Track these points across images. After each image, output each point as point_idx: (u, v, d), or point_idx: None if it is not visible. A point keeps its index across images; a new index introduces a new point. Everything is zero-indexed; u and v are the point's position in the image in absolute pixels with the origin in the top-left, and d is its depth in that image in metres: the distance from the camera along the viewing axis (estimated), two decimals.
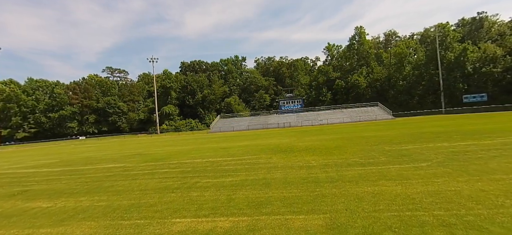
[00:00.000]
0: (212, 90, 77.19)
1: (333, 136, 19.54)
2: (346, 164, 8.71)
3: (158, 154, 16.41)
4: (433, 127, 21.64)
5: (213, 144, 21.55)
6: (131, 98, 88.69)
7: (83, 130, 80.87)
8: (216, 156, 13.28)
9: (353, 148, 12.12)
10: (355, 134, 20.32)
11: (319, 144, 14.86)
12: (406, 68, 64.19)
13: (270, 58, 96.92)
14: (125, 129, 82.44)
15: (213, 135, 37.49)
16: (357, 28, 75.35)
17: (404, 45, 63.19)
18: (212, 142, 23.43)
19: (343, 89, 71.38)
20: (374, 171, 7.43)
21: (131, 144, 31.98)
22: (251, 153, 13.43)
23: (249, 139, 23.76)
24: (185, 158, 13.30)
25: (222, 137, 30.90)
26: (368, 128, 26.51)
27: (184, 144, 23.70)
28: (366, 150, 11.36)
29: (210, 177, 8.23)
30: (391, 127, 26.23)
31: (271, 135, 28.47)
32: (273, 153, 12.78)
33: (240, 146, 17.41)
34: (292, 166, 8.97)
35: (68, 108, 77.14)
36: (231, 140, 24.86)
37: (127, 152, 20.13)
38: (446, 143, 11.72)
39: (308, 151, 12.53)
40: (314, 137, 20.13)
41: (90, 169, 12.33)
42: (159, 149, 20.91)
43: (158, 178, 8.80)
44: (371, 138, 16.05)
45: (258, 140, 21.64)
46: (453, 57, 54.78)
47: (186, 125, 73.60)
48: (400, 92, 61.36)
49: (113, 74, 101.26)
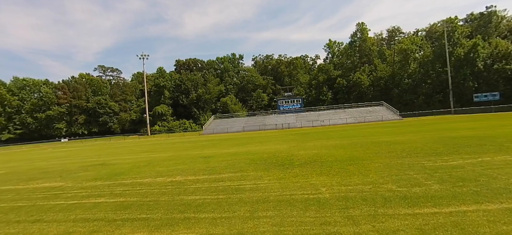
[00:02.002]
0: (207, 89, 73.63)
1: (341, 141, 16.14)
2: (380, 196, 5.29)
3: (122, 165, 12.96)
4: (459, 129, 18.28)
5: (197, 150, 18.10)
6: (123, 98, 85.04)
7: (72, 131, 77.14)
8: (188, 172, 9.84)
9: (375, 162, 8.71)
10: (367, 138, 16.92)
11: (326, 153, 11.44)
12: (411, 66, 60.95)
13: (268, 56, 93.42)
14: (117, 130, 78.73)
15: (204, 138, 34.09)
16: (359, 24, 72.13)
17: (409, 41, 59.87)
18: (197, 148, 19.97)
19: (344, 88, 68.08)
20: (438, 216, 4.02)
21: (109, 148, 28.48)
22: (236, 166, 10.00)
23: (241, 144, 20.33)
24: (148, 174, 9.87)
25: (212, 141, 27.46)
26: (379, 131, 23.11)
27: (165, 149, 20.25)
28: (396, 166, 7.94)
29: (150, 223, 4.79)
30: (405, 129, 22.87)
31: (267, 138, 25.06)
32: (265, 167, 9.35)
33: (226, 154, 13.98)
34: (292, 200, 5.53)
35: (55, 109, 73.34)
36: (220, 144, 21.42)
37: (92, 160, 16.67)
38: (507, 155, 8.34)
39: (313, 165, 9.10)
40: (318, 142, 16.71)
41: (15, 189, 8.89)
42: (131, 156, 17.44)
43: (80, 216, 5.35)
44: (392, 144, 12.64)
45: (251, 146, 18.21)
46: (462, 53, 51.51)
47: (180, 125, 70.01)
48: (405, 91, 58.05)
49: (106, 73, 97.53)
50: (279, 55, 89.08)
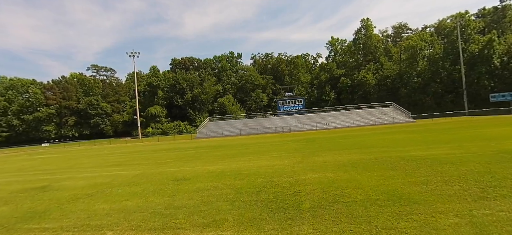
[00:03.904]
0: (203, 89, 69.96)
1: (360, 155, 12.46)
2: None
3: (64, 192, 9.32)
4: (504, 138, 14.61)
5: (177, 164, 14.46)
6: (116, 99, 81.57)
7: (62, 133, 73.55)
8: (133, 221, 6.17)
9: (441, 210, 5.00)
10: (391, 149, 13.26)
11: (346, 179, 7.76)
12: (420, 64, 57.27)
13: (268, 54, 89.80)
14: (109, 132, 75.18)
15: (194, 144, 30.55)
16: (364, 20, 68.57)
17: (419, 37, 56.14)
18: (179, 160, 16.33)
19: (348, 87, 64.49)
20: None
21: (82, 156, 24.83)
22: (211, 208, 6.32)
23: (233, 155, 16.69)
24: (74, 218, 6.20)
25: (201, 149, 23.85)
26: (399, 138, 19.44)
27: (140, 162, 16.61)
28: (488, 224, 4.26)
29: None
30: (430, 136, 19.19)
31: (265, 146, 21.47)
32: (255, 215, 5.65)
33: (208, 176, 10.32)
34: None
35: (43, 110, 69.73)
36: (208, 156, 17.81)
37: (40, 178, 13.06)
38: None
39: (333, 211, 5.38)
40: (329, 155, 13.05)
41: None
42: (92, 173, 13.79)
43: None
44: (435, 164, 8.93)
45: (244, 159, 14.57)
46: (477, 50, 47.79)
47: (174, 127, 66.37)
48: (414, 90, 54.36)
49: (99, 73, 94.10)
50: (279, 54, 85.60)
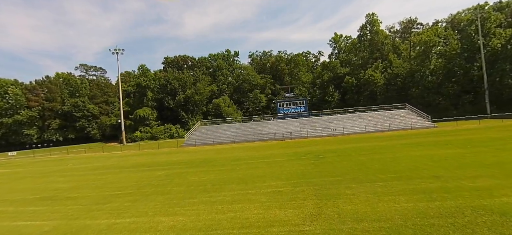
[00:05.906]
0: (197, 89, 64.75)
1: (409, 194, 7.25)
2: None
3: None
4: None
5: (112, 212, 9.26)
6: (104, 100, 76.30)
7: (45, 137, 68.26)
8: None
9: None
10: (447, 176, 8.09)
11: None
12: (433, 61, 52.23)
13: (267, 53, 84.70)
14: (96, 136, 69.90)
15: (176, 157, 25.44)
16: (369, 15, 63.43)
17: (432, 32, 51.08)
18: (126, 197, 11.11)
19: (354, 87, 59.40)
20: None
21: (16, 179, 19.67)
22: None
23: (214, 182, 11.49)
24: None
25: (175, 168, 18.70)
26: (445, 155, 14.26)
27: (91, 188, 11.41)
28: None
29: None
30: (476, 149, 13.95)
31: (259, 166, 16.37)
32: None
33: None
34: None
35: (24, 113, 64.47)
36: (174, 187, 12.64)
37: None
38: None
39: None
40: (359, 196, 7.85)
41: None
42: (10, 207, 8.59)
43: None
44: None
45: (218, 204, 9.45)
46: (499, 45, 42.77)
47: (165, 131, 61.16)
48: (428, 90, 49.26)
49: (88, 73, 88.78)
50: (279, 52, 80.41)
